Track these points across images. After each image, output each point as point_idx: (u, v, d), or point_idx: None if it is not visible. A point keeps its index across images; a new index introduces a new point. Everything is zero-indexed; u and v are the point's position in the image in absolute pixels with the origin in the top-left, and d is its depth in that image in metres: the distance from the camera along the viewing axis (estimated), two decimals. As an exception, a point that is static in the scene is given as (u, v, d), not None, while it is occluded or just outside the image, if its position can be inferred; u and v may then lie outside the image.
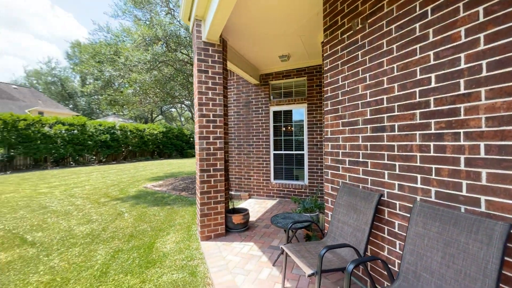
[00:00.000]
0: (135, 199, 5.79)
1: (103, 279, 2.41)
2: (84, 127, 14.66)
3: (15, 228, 3.82)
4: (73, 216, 4.45)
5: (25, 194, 6.24)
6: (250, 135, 5.82)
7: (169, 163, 16.19)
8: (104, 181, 8.31)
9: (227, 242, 3.18)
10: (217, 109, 3.27)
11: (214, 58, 3.26)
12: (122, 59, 5.33)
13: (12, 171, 11.44)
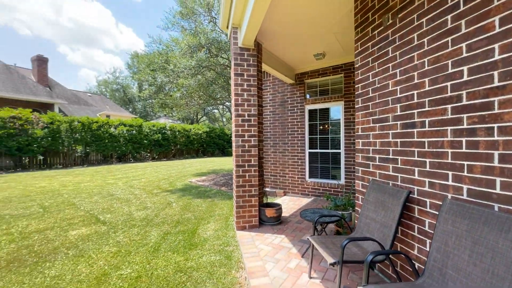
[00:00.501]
0: (181, 192, 6.47)
1: (155, 255, 2.87)
2: (141, 127, 16.68)
3: (91, 210, 4.72)
4: (133, 203, 5.25)
5: (97, 184, 7.52)
6: (286, 133, 5.95)
7: (212, 160, 17.29)
8: (157, 175, 9.42)
9: (260, 233, 3.40)
10: (251, 109, 3.52)
11: (249, 62, 3.51)
12: (171, 66, 6.04)
13: (87, 165, 13.76)
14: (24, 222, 3.99)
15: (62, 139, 12.50)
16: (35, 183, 7.57)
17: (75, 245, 3.14)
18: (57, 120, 12.42)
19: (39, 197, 5.67)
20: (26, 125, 11.23)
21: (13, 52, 75.05)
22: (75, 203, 5.21)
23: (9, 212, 4.48)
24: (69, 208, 4.79)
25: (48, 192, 6.23)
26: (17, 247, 3.08)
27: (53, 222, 3.99)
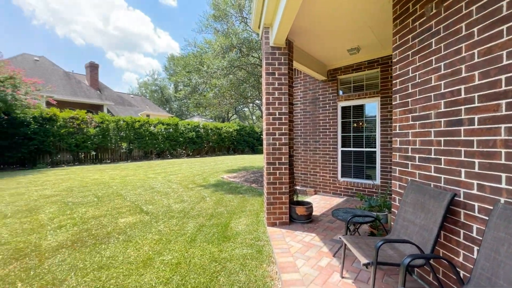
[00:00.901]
0: (214, 187, 6.78)
1: (192, 244, 3.10)
2: (177, 126, 17.75)
3: (136, 201, 5.22)
4: (171, 196, 5.67)
5: (140, 178, 8.26)
6: (317, 131, 5.84)
7: (242, 158, 17.67)
8: (191, 171, 9.98)
9: (290, 230, 3.44)
10: (282, 107, 3.55)
11: (280, 60, 3.54)
12: (205, 68, 6.34)
13: (131, 160, 15.14)
14: (83, 209, 4.60)
15: (110, 137, 13.93)
16: (90, 175, 8.60)
17: (124, 231, 3.54)
18: (106, 119, 13.87)
19: (93, 188, 6.45)
20: (82, 124, 12.77)
21: (71, 60, 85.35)
22: (122, 194, 5.81)
23: (71, 200, 5.19)
24: (118, 199, 5.37)
25: (100, 183, 7.04)
26: (79, 230, 3.58)
27: (106, 210, 4.53)
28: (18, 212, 4.36)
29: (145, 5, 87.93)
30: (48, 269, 2.50)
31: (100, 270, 2.48)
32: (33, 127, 10.94)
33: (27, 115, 10.80)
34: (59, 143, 11.96)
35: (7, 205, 4.79)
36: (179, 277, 2.36)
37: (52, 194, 5.69)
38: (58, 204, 4.85)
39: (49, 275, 2.39)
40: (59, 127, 11.87)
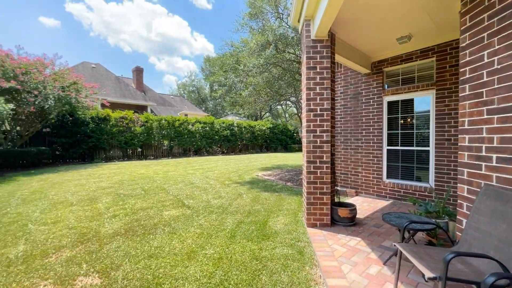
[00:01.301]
0: (250, 184, 6.84)
1: (232, 240, 3.14)
2: (213, 124, 18.41)
3: (178, 195, 5.52)
4: (209, 192, 5.87)
5: (180, 173, 8.75)
6: (359, 128, 5.46)
7: (275, 156, 17.59)
8: (227, 168, 10.24)
9: (332, 232, 3.26)
10: (324, 103, 3.37)
11: (322, 54, 3.36)
12: (241, 66, 6.40)
13: (171, 157, 16.18)
14: (133, 200, 5.02)
15: (153, 135, 15.06)
16: (137, 170, 9.40)
17: (168, 223, 3.75)
18: (150, 119, 15.02)
19: (140, 181, 7.02)
20: (130, 123, 14.03)
21: (120, 66, 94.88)
22: (165, 188, 6.21)
23: (123, 192, 5.71)
24: (162, 192, 5.74)
25: (146, 178, 7.64)
26: (130, 219, 3.91)
27: (152, 203, 4.87)
28: (81, 201, 4.95)
29: (183, 10, 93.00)
30: (106, 253, 2.76)
31: (149, 259, 2.65)
32: (91, 126, 12.37)
33: (87, 116, 12.25)
34: (111, 140, 13.33)
35: (72, 194, 5.48)
36: (222, 272, 2.39)
37: (107, 186, 6.34)
38: (112, 196, 5.38)
39: (107, 259, 2.64)
40: (112, 126, 13.23)
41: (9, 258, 2.66)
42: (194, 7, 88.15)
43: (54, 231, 3.42)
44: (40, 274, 2.35)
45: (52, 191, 5.72)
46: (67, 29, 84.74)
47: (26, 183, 6.75)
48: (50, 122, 11.21)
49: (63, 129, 11.55)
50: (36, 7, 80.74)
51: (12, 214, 4.11)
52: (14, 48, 9.51)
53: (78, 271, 2.42)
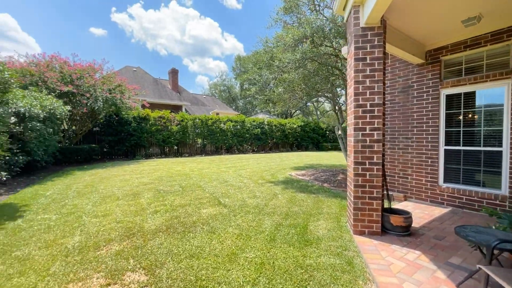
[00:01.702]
0: (284, 184, 6.64)
1: (272, 244, 2.99)
2: (244, 123, 18.53)
3: (214, 193, 5.57)
4: (244, 191, 5.81)
5: (214, 171, 8.90)
6: (409, 126, 4.89)
7: (307, 155, 17.05)
8: (259, 167, 10.16)
9: (384, 242, 2.92)
10: (375, 98, 3.02)
11: (373, 43, 3.01)
12: (276, 62, 6.20)
13: (205, 155, 16.69)
14: (172, 197, 5.18)
15: (188, 133, 15.67)
16: (174, 167, 9.82)
17: (207, 222, 3.75)
18: (185, 118, 15.65)
19: (178, 178, 7.27)
20: (167, 122, 14.78)
21: (157, 68, 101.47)
22: (201, 185, 6.32)
23: (162, 188, 5.95)
24: (198, 190, 5.85)
25: (182, 175, 7.90)
26: (170, 216, 4.00)
27: (189, 200, 4.97)
28: (126, 196, 5.26)
29: (214, 12, 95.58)
30: (150, 250, 2.82)
31: (191, 259, 2.63)
32: (133, 125, 13.29)
33: (129, 116, 13.19)
34: (151, 138, 14.18)
35: (118, 189, 5.87)
36: (265, 279, 2.25)
37: (148, 182, 6.68)
38: (153, 192, 5.63)
39: (152, 256, 2.68)
40: (151, 125, 14.07)
41: (67, 248, 2.86)
42: (224, 8, 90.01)
43: (104, 224, 3.63)
44: (93, 266, 2.47)
45: (101, 185, 6.20)
46: (112, 37, 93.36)
47: (80, 177, 7.45)
48: (99, 121, 12.32)
49: (110, 128, 12.60)
50: (87, 20, 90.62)
51: (69, 206, 4.51)
52: (70, 56, 10.60)
53: (126, 266, 2.49)
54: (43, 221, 3.74)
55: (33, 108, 6.76)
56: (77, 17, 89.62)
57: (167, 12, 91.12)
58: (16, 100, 6.42)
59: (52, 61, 10.34)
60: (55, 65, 10.28)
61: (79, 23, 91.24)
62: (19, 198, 5.02)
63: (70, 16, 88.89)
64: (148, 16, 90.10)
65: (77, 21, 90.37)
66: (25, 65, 9.74)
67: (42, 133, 7.24)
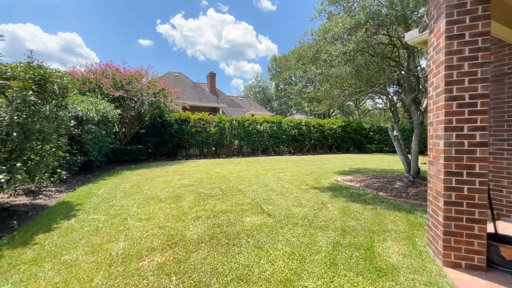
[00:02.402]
0: (331, 191, 5.95)
1: (334, 271, 2.44)
2: (280, 124, 18.01)
3: (255, 199, 5.19)
4: (287, 198, 5.31)
5: (252, 173, 8.58)
6: (504, 124, 3.82)
7: (350, 157, 15.75)
8: (299, 170, 9.54)
9: (495, 283, 2.14)
10: (477, 87, 2.26)
11: (476, 13, 2.25)
12: (324, 56, 5.58)
13: (241, 156, 16.62)
14: (212, 201, 4.95)
15: (226, 135, 15.76)
16: (212, 168, 9.80)
17: (252, 234, 3.36)
18: (223, 119, 15.79)
19: (217, 180, 7.11)
20: (206, 124, 15.08)
21: (195, 73, 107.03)
22: (241, 189, 6.01)
23: (203, 191, 5.80)
24: (238, 194, 5.54)
25: (221, 177, 7.75)
26: (212, 224, 3.72)
27: (231, 205, 4.66)
28: (168, 198, 5.20)
29: (249, 16, 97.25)
30: (193, 266, 2.52)
31: (239, 282, 2.25)
32: (175, 127, 13.82)
33: (171, 118, 13.75)
34: (191, 140, 14.60)
35: (161, 190, 5.89)
36: (336, 324, 1.74)
37: (189, 183, 6.64)
38: (194, 194, 5.49)
39: (195, 274, 2.37)
40: (191, 127, 14.48)
41: (112, 255, 2.74)
42: (259, 11, 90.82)
43: (147, 229, 3.51)
44: (135, 282, 2.25)
45: (146, 186, 6.33)
46: (157, 47, 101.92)
47: (128, 176, 7.82)
48: (145, 124, 13.08)
49: (154, 130, 13.28)
50: (136, 33, 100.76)
51: (116, 207, 4.58)
52: (120, 63, 11.41)
53: (168, 284, 2.21)
54: (93, 222, 3.79)
55: (89, 112, 7.29)
56: (128, 31, 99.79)
57: (205, 19, 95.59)
58: (76, 105, 6.98)
59: (107, 69, 11.26)
60: (109, 73, 11.18)
61: (130, 36, 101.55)
62: (75, 196, 5.33)
63: (122, 30, 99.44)
64: (188, 25, 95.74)
65: (128, 34, 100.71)
66: (85, 73, 10.77)
67: (96, 135, 7.78)
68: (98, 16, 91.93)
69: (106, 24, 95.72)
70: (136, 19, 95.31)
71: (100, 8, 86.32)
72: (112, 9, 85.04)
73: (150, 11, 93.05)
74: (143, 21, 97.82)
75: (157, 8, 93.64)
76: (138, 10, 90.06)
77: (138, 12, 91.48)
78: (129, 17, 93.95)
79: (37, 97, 3.71)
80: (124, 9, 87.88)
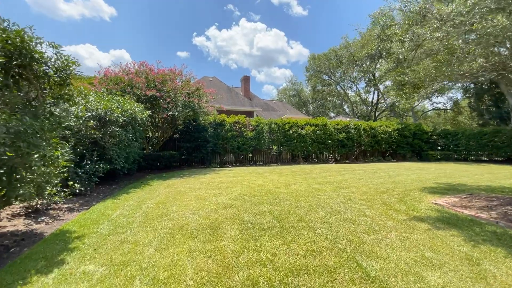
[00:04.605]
0: (451, 227, 3.70)
1: None
2: (325, 126, 15.71)
3: (335, 240, 3.24)
4: (387, 239, 3.26)
5: (304, 188, 6.59)
6: None
7: (418, 167, 12.66)
8: (365, 184, 7.28)
9: None
10: None
11: None
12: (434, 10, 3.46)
13: (280, 163, 14.71)
14: (268, 242, 3.14)
15: (264, 140, 14.05)
16: (252, 179, 8.07)
17: None
18: (261, 122, 14.13)
19: (264, 199, 5.32)
20: (242, 128, 13.58)
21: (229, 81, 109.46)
22: (303, 217, 4.12)
23: (249, 218, 4.03)
24: (304, 228, 3.64)
25: (267, 193, 5.94)
26: (284, 309, 1.89)
27: (301, 255, 2.80)
28: (201, 229, 3.55)
29: (280, 22, 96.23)
30: None
31: None
32: (210, 131, 12.55)
33: (206, 122, 12.53)
34: (226, 145, 13.19)
35: (193, 213, 4.30)
36: None
37: (228, 203, 4.96)
38: (237, 224, 3.76)
39: None
40: (226, 131, 13.09)
41: None
42: (289, 17, 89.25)
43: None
44: None
45: (174, 206, 4.81)
46: (193, 58, 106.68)
47: (155, 189, 6.49)
48: (178, 128, 12.05)
49: (188, 134, 12.17)
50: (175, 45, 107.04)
51: (127, 245, 3.05)
52: (154, 63, 10.54)
53: None
54: (80, 283, 2.25)
55: (113, 112, 6.16)
56: (168, 44, 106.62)
57: (237, 29, 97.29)
58: (97, 103, 5.89)
59: (140, 68, 10.46)
60: (142, 72, 10.35)
61: (169, 49, 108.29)
62: (82, 221, 3.99)
63: (162, 44, 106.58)
64: (222, 35, 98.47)
65: (168, 47, 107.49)
66: (119, 73, 10.06)
67: (123, 139, 6.63)
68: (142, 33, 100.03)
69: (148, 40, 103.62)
70: (175, 33, 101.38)
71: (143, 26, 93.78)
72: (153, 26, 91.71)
73: (187, 25, 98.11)
74: (181, 35, 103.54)
75: (193, 22, 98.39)
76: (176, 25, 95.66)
77: (176, 27, 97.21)
78: (168, 32, 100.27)
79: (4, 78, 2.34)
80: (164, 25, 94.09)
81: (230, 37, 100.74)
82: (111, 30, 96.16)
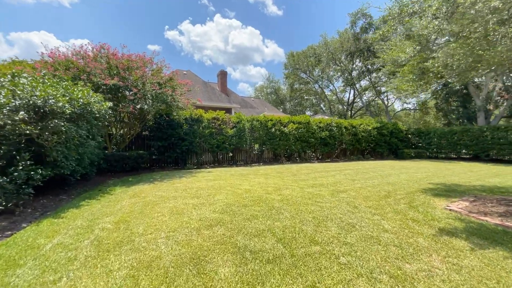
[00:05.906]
0: (486, 241, 3.07)
1: None
2: (309, 124, 15.18)
3: (372, 275, 2.36)
4: (438, 274, 2.47)
5: (299, 194, 5.74)
6: None
7: (402, 166, 12.61)
8: (362, 187, 6.66)
9: None
10: None
11: None
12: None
13: (262, 163, 13.81)
14: (284, 286, 2.15)
15: (245, 138, 13.02)
16: (237, 182, 7.02)
17: None
18: (242, 119, 13.07)
19: (258, 210, 4.32)
20: (222, 125, 12.38)
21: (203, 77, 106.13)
22: (314, 237, 3.21)
23: (245, 243, 3.00)
24: (322, 256, 2.72)
25: (258, 200, 4.95)
26: None
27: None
28: (181, 266, 2.44)
29: (255, 20, 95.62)
30: None
31: None
32: (185, 128, 11.16)
33: (181, 117, 11.11)
34: (203, 143, 11.92)
35: (167, 236, 3.14)
36: None
37: (213, 218, 3.87)
38: (231, 254, 2.71)
39: None
40: (204, 128, 11.80)
41: None
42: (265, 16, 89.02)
43: None
44: None
45: (141, 226, 3.58)
46: (165, 51, 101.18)
47: (118, 199, 5.12)
48: (148, 124, 10.49)
49: (159, 131, 10.67)
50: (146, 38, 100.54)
51: (54, 312, 1.83)
52: (118, 47, 8.86)
53: None
54: None
55: (56, 101, 4.65)
56: (137, 37, 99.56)
57: (212, 25, 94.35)
58: (30, 89, 4.35)
59: (100, 51, 8.71)
60: (103, 57, 8.62)
61: (139, 41, 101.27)
62: (-10, 260, 2.61)
63: (132, 37, 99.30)
64: (196, 30, 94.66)
65: (138, 40, 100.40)
66: (71, 56, 8.23)
67: (71, 136, 5.13)
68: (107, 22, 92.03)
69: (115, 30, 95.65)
70: (145, 24, 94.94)
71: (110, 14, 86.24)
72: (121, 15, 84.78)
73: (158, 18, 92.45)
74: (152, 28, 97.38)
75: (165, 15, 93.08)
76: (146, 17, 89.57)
77: (146, 19, 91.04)
78: (138, 23, 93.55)
79: None
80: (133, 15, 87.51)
81: (205, 33, 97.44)
82: (71, 18, 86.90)
